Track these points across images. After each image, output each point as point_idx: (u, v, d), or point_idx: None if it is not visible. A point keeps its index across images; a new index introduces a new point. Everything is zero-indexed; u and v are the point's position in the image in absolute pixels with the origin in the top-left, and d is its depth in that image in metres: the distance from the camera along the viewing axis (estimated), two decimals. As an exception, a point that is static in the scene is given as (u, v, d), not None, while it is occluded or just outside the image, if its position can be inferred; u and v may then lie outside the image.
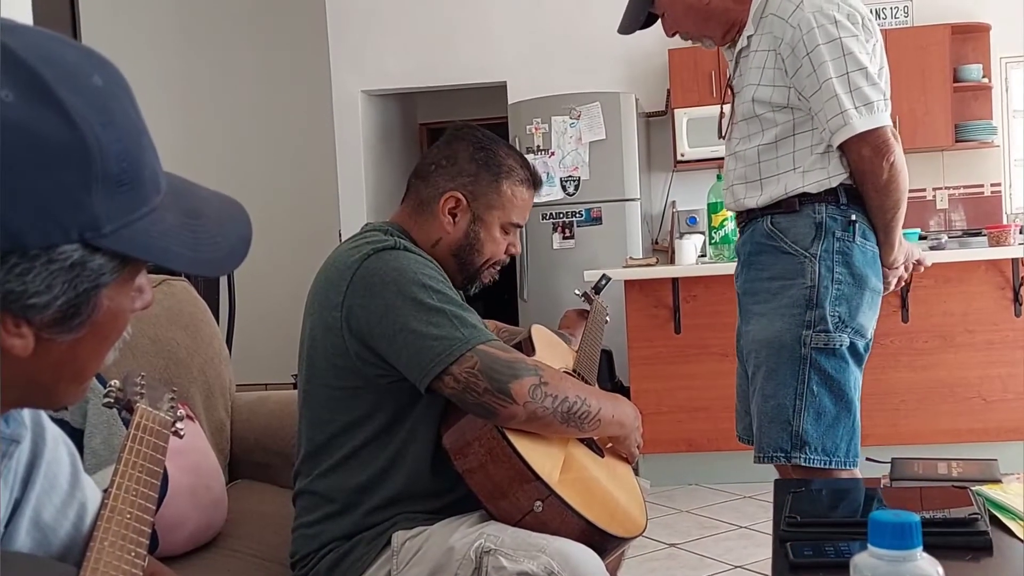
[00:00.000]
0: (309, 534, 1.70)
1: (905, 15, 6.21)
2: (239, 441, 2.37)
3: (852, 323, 2.02)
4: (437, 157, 1.79)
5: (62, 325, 0.72)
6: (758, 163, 2.08)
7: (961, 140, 6.07)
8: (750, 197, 2.10)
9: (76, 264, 0.69)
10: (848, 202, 2.03)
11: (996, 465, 1.68)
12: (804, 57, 1.97)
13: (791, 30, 1.98)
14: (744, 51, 2.11)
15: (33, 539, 0.90)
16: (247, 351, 6.30)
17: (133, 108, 0.74)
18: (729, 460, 4.40)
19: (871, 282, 2.05)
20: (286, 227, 7.74)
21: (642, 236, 5.88)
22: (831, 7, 1.98)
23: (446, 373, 1.55)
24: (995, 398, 4.28)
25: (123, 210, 0.71)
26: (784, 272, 2.04)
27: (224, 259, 0.79)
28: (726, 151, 2.21)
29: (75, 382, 0.79)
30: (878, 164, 1.96)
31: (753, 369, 2.10)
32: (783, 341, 2.02)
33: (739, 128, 2.14)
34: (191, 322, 2.29)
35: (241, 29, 7.85)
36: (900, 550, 0.83)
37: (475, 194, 1.77)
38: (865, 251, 2.03)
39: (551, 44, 6.50)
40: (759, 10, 2.06)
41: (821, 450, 2.01)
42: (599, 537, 1.59)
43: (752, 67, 2.08)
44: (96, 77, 0.71)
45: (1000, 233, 4.19)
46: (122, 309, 0.77)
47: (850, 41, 1.96)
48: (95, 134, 0.68)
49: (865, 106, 1.94)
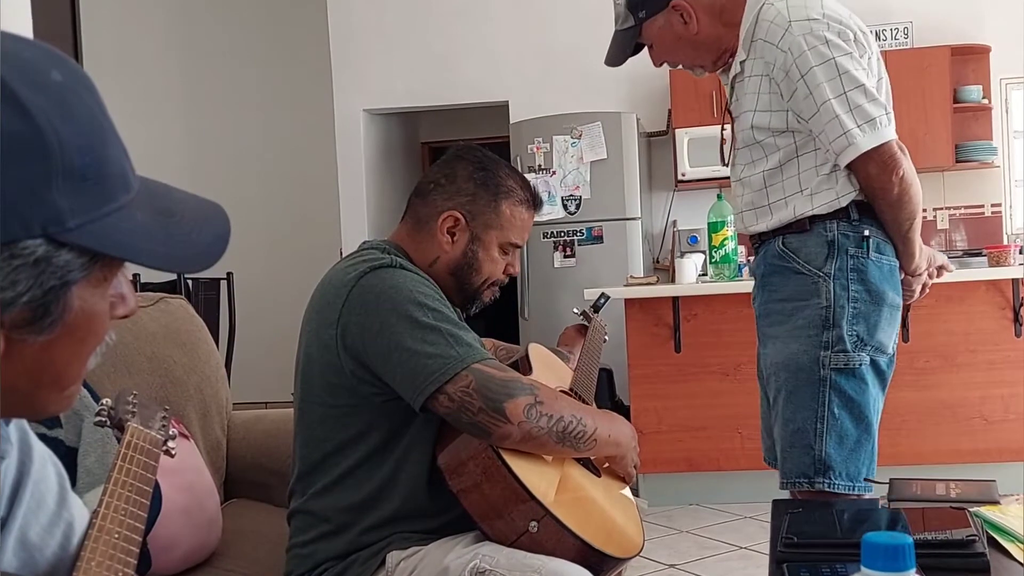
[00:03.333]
0: (303, 554, 1.69)
1: (905, 36, 6.24)
2: (235, 460, 2.36)
3: (871, 341, 1.97)
4: (436, 176, 1.79)
5: (32, 325, 0.70)
6: (764, 188, 2.05)
7: (961, 161, 6.08)
8: (760, 222, 2.06)
9: (41, 260, 0.68)
10: (860, 217, 1.98)
11: (995, 486, 1.67)
12: (799, 80, 1.93)
13: (782, 55, 1.94)
14: (738, 76, 2.07)
15: (19, 558, 0.89)
16: (247, 369, 6.29)
17: (97, 105, 0.73)
18: (729, 480, 4.39)
19: (888, 297, 2.00)
20: (287, 245, 7.76)
21: (643, 255, 5.89)
22: (820, 27, 1.93)
23: (441, 392, 1.55)
24: (996, 418, 4.26)
25: (88, 205, 0.70)
26: (797, 293, 2.00)
27: (198, 256, 0.78)
28: (732, 177, 2.17)
29: (55, 388, 0.77)
30: (887, 180, 1.92)
31: (774, 393, 2.06)
32: (800, 363, 1.97)
33: (742, 154, 2.10)
34: (188, 340, 2.28)
35: (244, 47, 7.89)
36: (893, 572, 0.82)
37: (473, 213, 1.77)
38: (881, 266, 1.99)
39: (553, 64, 6.52)
40: (748, 35, 2.02)
41: (845, 475, 1.96)
42: (596, 557, 1.58)
43: (748, 92, 2.04)
44: (55, 73, 0.70)
45: (1000, 253, 4.19)
46: (97, 311, 0.75)
47: (844, 60, 1.91)
48: (54, 128, 0.67)
49: (867, 123, 1.90)
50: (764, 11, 1.99)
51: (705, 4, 2.06)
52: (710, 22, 2.07)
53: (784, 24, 1.95)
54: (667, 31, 2.09)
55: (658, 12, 2.07)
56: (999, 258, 4.16)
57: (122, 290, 0.79)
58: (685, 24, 2.06)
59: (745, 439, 4.31)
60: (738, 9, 2.04)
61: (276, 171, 7.87)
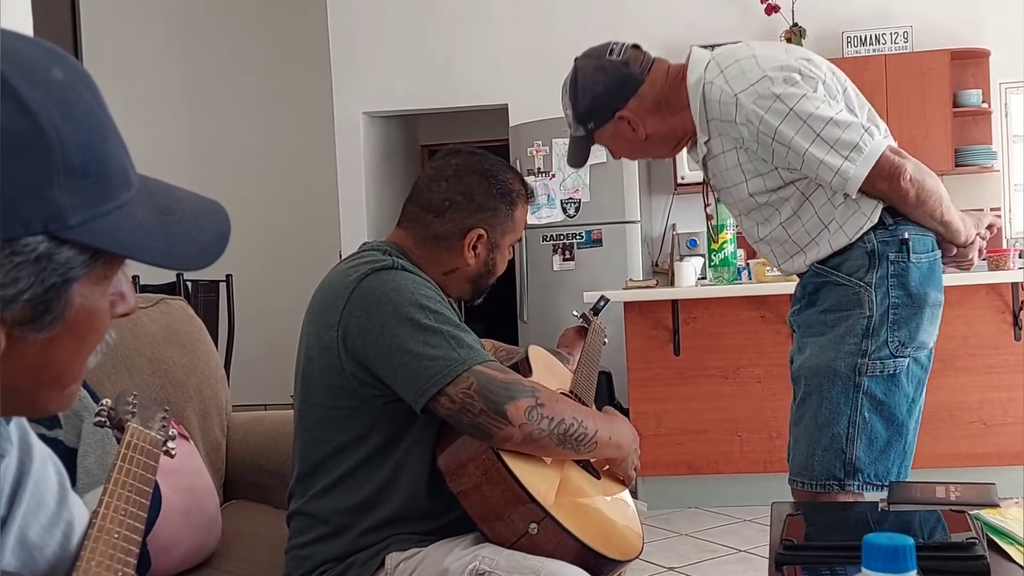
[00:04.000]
0: (302, 555, 1.69)
1: (905, 40, 6.24)
2: (235, 461, 2.36)
3: (912, 343, 1.98)
4: (450, 193, 1.78)
5: (33, 322, 0.70)
6: (790, 238, 2.05)
7: (961, 165, 6.09)
8: (796, 262, 2.07)
9: (42, 257, 0.68)
10: (895, 221, 1.98)
11: (994, 489, 1.67)
12: (772, 143, 1.92)
13: (745, 128, 1.94)
14: (708, 156, 2.07)
15: (19, 558, 0.89)
16: (247, 371, 6.29)
17: (97, 102, 0.73)
18: (728, 483, 4.39)
19: (930, 297, 2.01)
20: (287, 247, 7.76)
21: (642, 258, 5.89)
22: (765, 86, 1.92)
23: (442, 394, 1.55)
24: (995, 422, 4.26)
25: (90, 202, 0.69)
26: (840, 303, 2.00)
27: (199, 254, 0.77)
28: (749, 240, 2.17)
29: (56, 387, 0.77)
30: (899, 187, 1.92)
31: (803, 395, 2.05)
32: (836, 369, 1.97)
33: (749, 219, 2.11)
34: (188, 341, 2.28)
35: (244, 50, 7.89)
36: (894, 573, 0.83)
37: (494, 225, 1.80)
38: (921, 266, 1.99)
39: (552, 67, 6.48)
40: (701, 118, 2.02)
41: (874, 475, 1.97)
42: (595, 560, 1.58)
43: (728, 168, 2.04)
44: (55, 70, 0.70)
45: (1000, 257, 4.18)
46: (97, 308, 0.75)
47: (801, 104, 1.90)
48: (54, 125, 0.67)
49: (853, 151, 1.89)
50: (708, 93, 1.99)
51: (648, 107, 2.05)
52: (657, 121, 2.07)
53: (732, 100, 1.95)
54: (618, 137, 2.11)
55: (606, 123, 2.08)
56: (999, 262, 4.16)
57: (122, 288, 0.79)
58: (634, 131, 2.08)
59: (744, 442, 4.31)
60: (678, 93, 2.04)
61: (276, 173, 7.87)
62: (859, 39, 6.27)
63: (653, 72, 2.05)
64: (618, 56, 2.05)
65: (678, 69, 2.06)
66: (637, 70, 2.04)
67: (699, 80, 2.00)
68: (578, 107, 2.09)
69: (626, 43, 2.08)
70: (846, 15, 6.34)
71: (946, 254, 2.07)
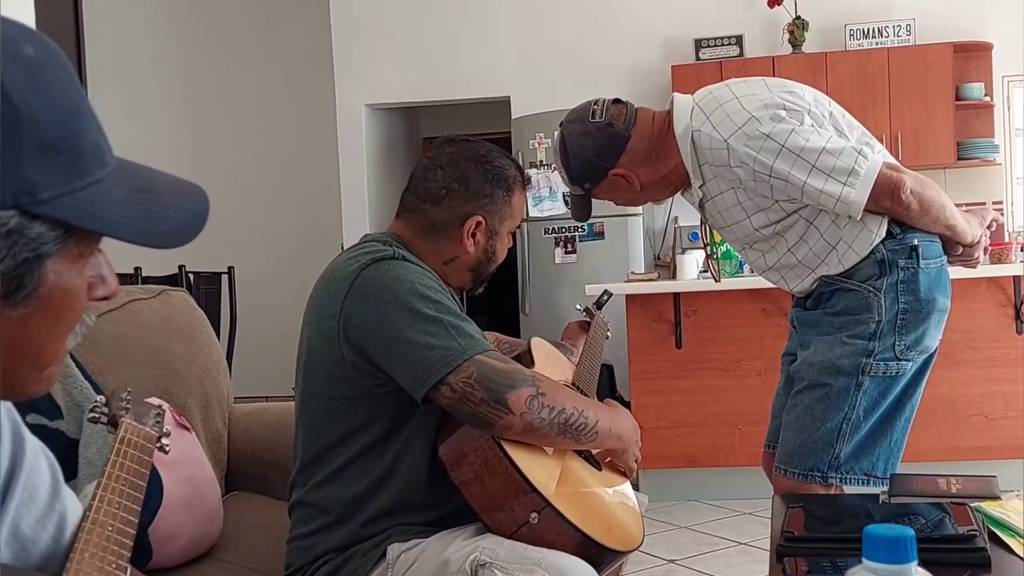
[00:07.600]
0: (304, 546, 1.69)
1: (908, 33, 6.23)
2: (236, 452, 2.36)
3: (918, 347, 2.01)
4: (447, 181, 1.79)
5: (6, 298, 0.70)
6: (800, 262, 2.06)
7: (963, 158, 6.08)
8: (811, 282, 2.08)
9: (13, 231, 0.68)
10: (902, 230, 2.00)
11: (995, 482, 1.67)
12: (770, 180, 1.94)
13: (740, 170, 1.96)
14: (705, 198, 2.09)
15: (11, 550, 0.89)
16: (248, 363, 6.29)
17: (71, 81, 0.72)
18: (728, 476, 4.39)
19: (938, 303, 2.03)
20: (289, 239, 7.76)
21: (644, 251, 5.88)
22: (753, 127, 1.93)
23: (442, 383, 1.55)
24: (996, 415, 4.26)
25: (62, 178, 0.69)
26: (849, 307, 2.02)
27: (176, 232, 0.77)
28: (756, 270, 2.20)
29: (34, 367, 0.76)
30: (900, 202, 1.94)
31: (801, 385, 2.07)
32: (840, 366, 1.99)
33: (754, 251, 2.12)
34: (189, 332, 2.28)
35: (245, 42, 7.88)
36: (895, 564, 0.82)
37: (492, 212, 1.80)
38: (929, 272, 2.01)
39: (554, 60, 6.51)
40: (694, 163, 2.03)
41: (858, 470, 2.01)
42: (595, 550, 1.58)
43: (727, 207, 2.06)
44: (27, 47, 0.70)
45: (1001, 251, 4.18)
46: (73, 287, 0.75)
47: (792, 139, 1.91)
48: (26, 100, 0.67)
49: (850, 176, 1.90)
50: (698, 140, 2.01)
51: (639, 159, 2.07)
52: (650, 171, 2.09)
53: (722, 146, 1.97)
54: (616, 190, 2.14)
55: (601, 181, 2.11)
56: (1000, 255, 4.16)
57: (102, 271, 0.79)
58: (629, 183, 2.10)
59: (744, 435, 4.31)
60: (667, 141, 2.06)
61: (278, 165, 7.87)
62: (862, 32, 6.26)
63: (639, 124, 2.07)
64: (601, 117, 2.07)
65: (663, 117, 2.09)
66: (622, 127, 2.06)
67: (687, 128, 2.02)
68: (571, 171, 2.12)
69: (606, 100, 2.11)
70: (848, 8, 6.32)
71: (952, 253, 2.09)
